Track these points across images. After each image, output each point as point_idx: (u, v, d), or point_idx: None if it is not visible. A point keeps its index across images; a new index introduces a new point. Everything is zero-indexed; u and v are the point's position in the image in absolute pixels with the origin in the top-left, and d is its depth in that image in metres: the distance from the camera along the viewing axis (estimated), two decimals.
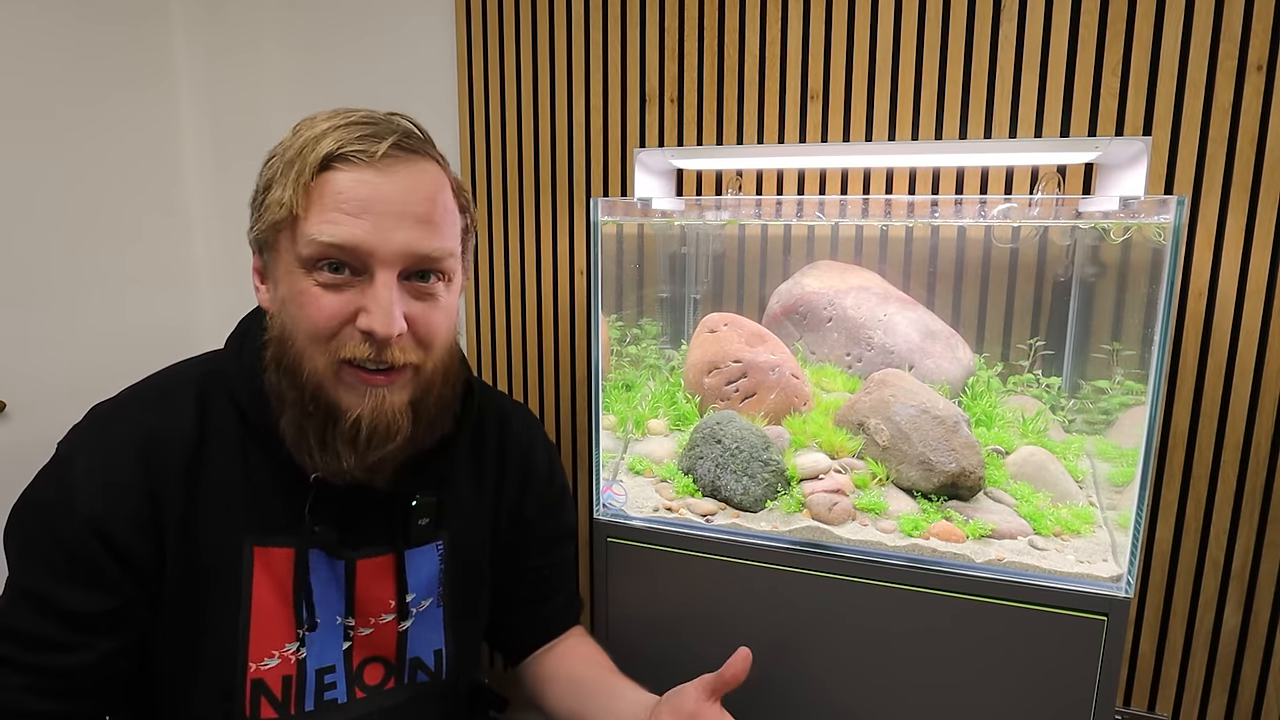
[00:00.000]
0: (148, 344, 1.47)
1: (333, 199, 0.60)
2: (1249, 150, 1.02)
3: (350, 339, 0.62)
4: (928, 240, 1.19)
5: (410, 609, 0.75)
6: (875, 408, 1.02)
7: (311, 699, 0.71)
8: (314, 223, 0.60)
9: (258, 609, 0.68)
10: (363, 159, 0.60)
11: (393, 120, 0.64)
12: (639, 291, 1.29)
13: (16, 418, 1.29)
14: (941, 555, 0.90)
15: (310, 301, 0.61)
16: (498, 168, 1.39)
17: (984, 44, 1.10)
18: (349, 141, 0.60)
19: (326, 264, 0.61)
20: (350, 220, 0.59)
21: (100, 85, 1.38)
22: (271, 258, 0.64)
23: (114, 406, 0.68)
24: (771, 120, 1.22)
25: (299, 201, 0.60)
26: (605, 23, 1.28)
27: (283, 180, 0.61)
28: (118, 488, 0.63)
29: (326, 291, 0.61)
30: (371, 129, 0.62)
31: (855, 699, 0.94)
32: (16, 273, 1.27)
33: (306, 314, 0.61)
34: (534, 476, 0.85)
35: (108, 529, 0.62)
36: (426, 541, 0.75)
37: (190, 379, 0.70)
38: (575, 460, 1.46)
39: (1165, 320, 0.81)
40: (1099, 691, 0.84)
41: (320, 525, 0.68)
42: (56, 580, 0.62)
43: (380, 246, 0.60)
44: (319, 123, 0.62)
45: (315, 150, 0.60)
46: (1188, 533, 1.12)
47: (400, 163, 0.62)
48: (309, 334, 0.62)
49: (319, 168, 0.60)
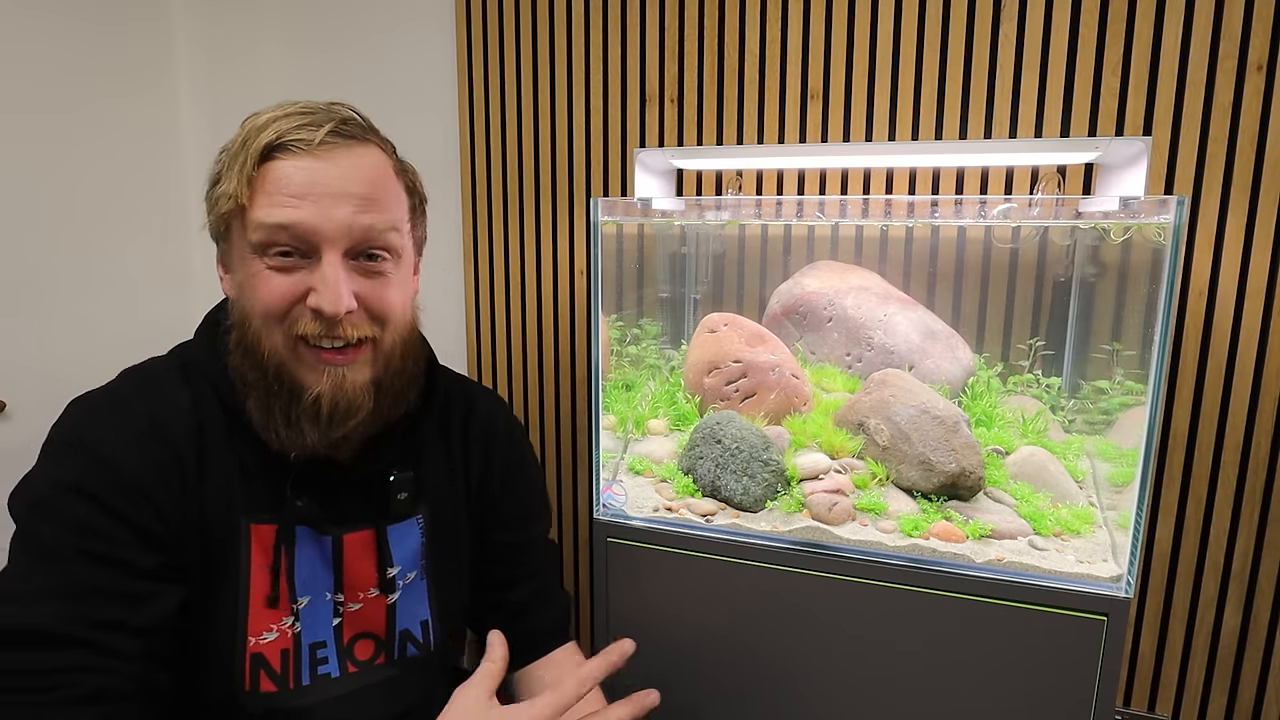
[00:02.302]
0: (148, 344, 1.46)
1: (275, 185, 0.63)
2: (1249, 150, 1.02)
3: (302, 316, 0.64)
4: (928, 240, 1.19)
5: (397, 582, 0.77)
6: (875, 408, 1.02)
7: (307, 673, 0.73)
8: (260, 209, 0.63)
9: (255, 584, 0.70)
10: (302, 147, 0.63)
11: (332, 109, 0.67)
12: (639, 291, 1.29)
13: (16, 418, 1.29)
14: (941, 555, 0.90)
15: (262, 283, 0.64)
16: (498, 168, 1.39)
17: (984, 44, 1.10)
18: (288, 131, 0.63)
19: (276, 249, 0.63)
20: (293, 203, 0.62)
21: (101, 85, 1.38)
22: (226, 247, 0.68)
23: (107, 395, 0.69)
24: (771, 120, 1.22)
25: (244, 191, 0.63)
26: (605, 23, 1.28)
27: (229, 173, 0.64)
28: (151, 457, 0.65)
29: (277, 274, 0.64)
30: (310, 118, 0.65)
31: (855, 699, 0.94)
32: (17, 273, 1.27)
33: (259, 295, 0.64)
34: (495, 449, 0.86)
35: (152, 493, 0.64)
36: (406, 516, 0.77)
37: (172, 369, 0.71)
38: (575, 460, 1.46)
39: (1165, 320, 0.81)
40: (1099, 692, 0.84)
41: (302, 501, 0.70)
42: (118, 543, 0.62)
43: (322, 225, 0.63)
44: (261, 115, 0.65)
45: (257, 141, 0.63)
46: (1188, 533, 1.12)
47: (338, 148, 0.65)
48: (263, 314, 0.64)
49: (260, 158, 0.63)
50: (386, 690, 0.77)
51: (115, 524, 0.62)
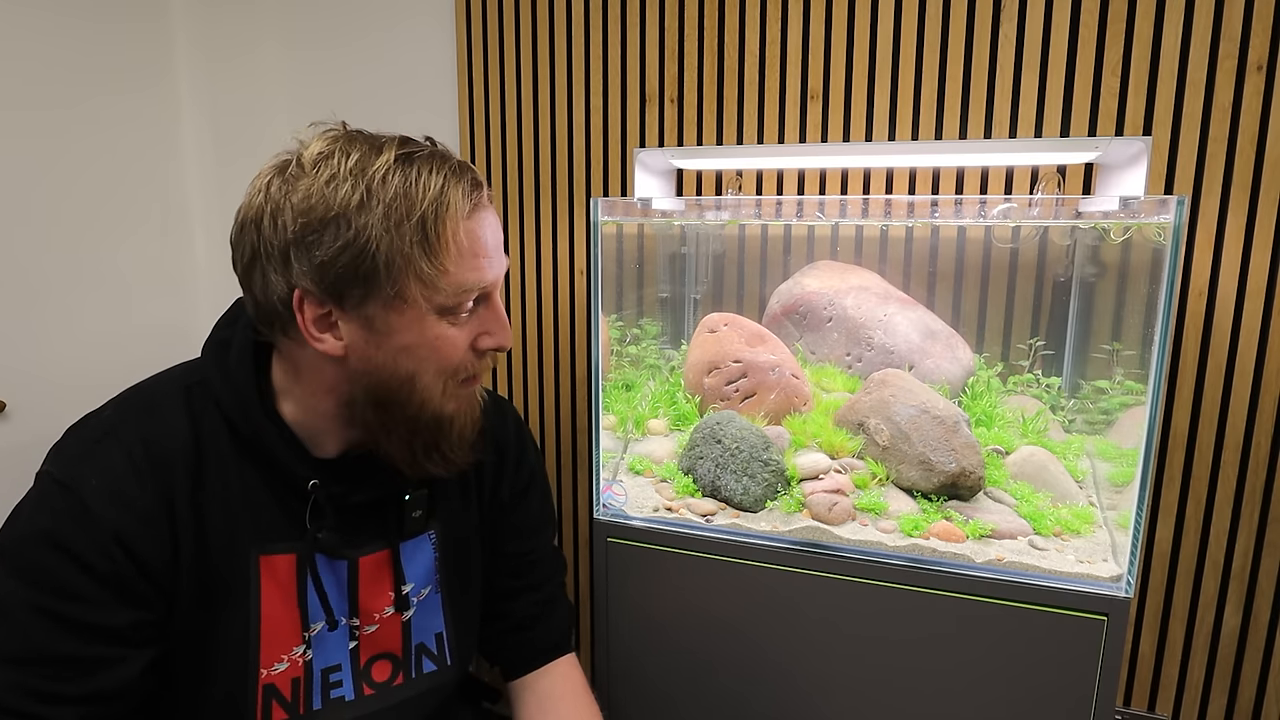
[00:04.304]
0: (147, 344, 1.47)
1: (475, 245, 0.64)
2: (1249, 150, 1.02)
3: (469, 363, 0.68)
4: (928, 240, 1.19)
5: (410, 599, 0.77)
6: (875, 408, 1.02)
7: (319, 697, 0.72)
8: (468, 271, 0.63)
9: (267, 617, 0.69)
10: (482, 202, 0.65)
11: (450, 154, 0.66)
12: (639, 291, 1.29)
13: (16, 418, 1.29)
14: (941, 555, 0.90)
15: (446, 344, 0.65)
16: (498, 168, 1.39)
17: (984, 44, 1.10)
18: (469, 190, 0.64)
19: (466, 308, 0.66)
20: (487, 261, 0.65)
21: (101, 85, 1.38)
22: (370, 307, 0.62)
23: (101, 424, 0.66)
24: (771, 120, 1.22)
25: (449, 256, 0.62)
26: (605, 23, 1.28)
27: (404, 233, 0.60)
28: (133, 501, 0.62)
29: (453, 329, 0.66)
30: (465, 170, 0.65)
31: (855, 699, 0.94)
32: (16, 272, 1.27)
33: (443, 355, 0.65)
34: (506, 459, 0.86)
35: (130, 542, 0.61)
36: (420, 533, 0.77)
37: (175, 391, 0.69)
38: (575, 460, 1.46)
39: (1165, 320, 0.81)
40: (1099, 691, 0.84)
41: (322, 533, 0.69)
42: (84, 602, 0.60)
43: (499, 276, 0.67)
44: (422, 172, 0.61)
45: (449, 202, 0.61)
46: (1188, 533, 1.12)
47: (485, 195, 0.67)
48: (440, 371, 0.66)
49: (463, 217, 0.63)
50: (402, 711, 0.76)
51: (86, 580, 0.60)
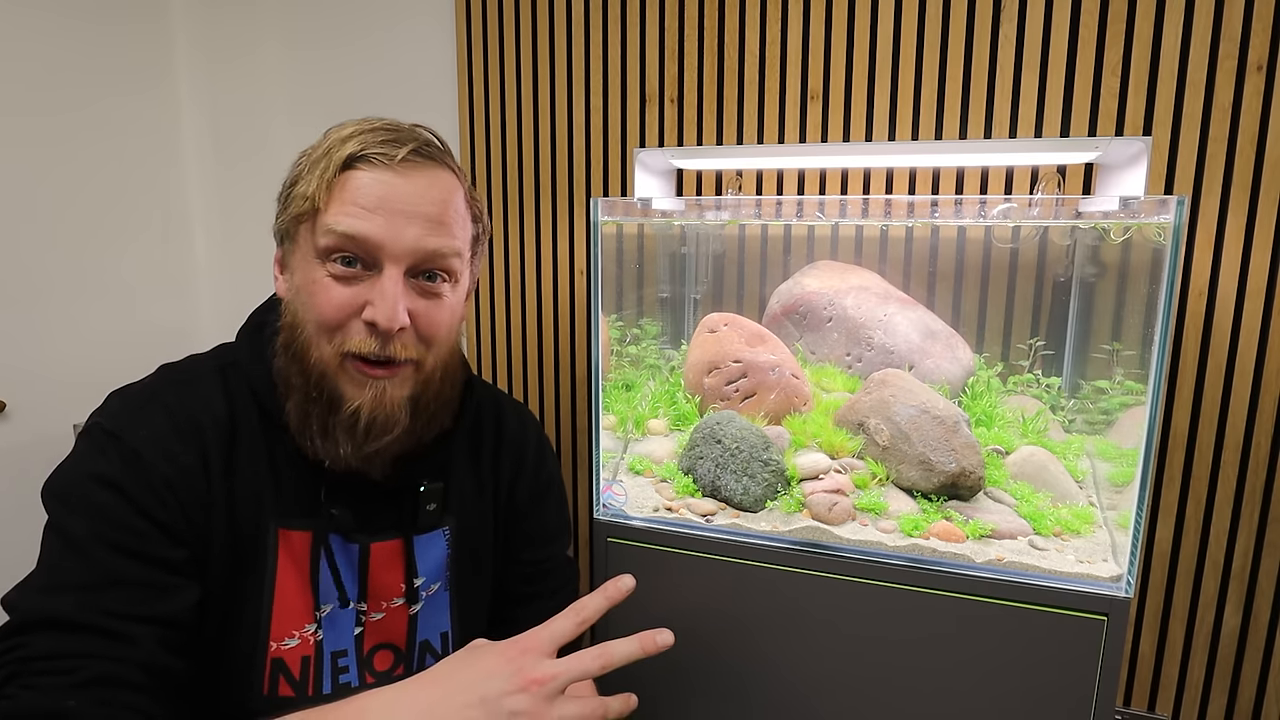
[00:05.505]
0: (147, 344, 1.47)
1: (352, 194, 0.65)
2: (1249, 150, 1.02)
3: (356, 333, 0.66)
4: (928, 240, 1.19)
5: (420, 593, 0.78)
6: (875, 408, 1.02)
7: (328, 681, 0.73)
8: (333, 215, 0.64)
9: (280, 589, 0.70)
10: (383, 161, 0.65)
11: (415, 130, 0.69)
12: (639, 291, 1.29)
13: (16, 418, 1.29)
14: (941, 555, 0.90)
15: (321, 291, 0.65)
16: (498, 168, 1.39)
17: (984, 44, 1.10)
18: (372, 145, 0.65)
19: (340, 257, 0.65)
20: (366, 214, 0.64)
21: (101, 85, 1.38)
22: (291, 248, 0.69)
23: (144, 390, 0.70)
24: (771, 120, 1.22)
25: (321, 195, 0.65)
26: (605, 23, 1.28)
27: (308, 176, 0.66)
28: (177, 456, 0.66)
29: (337, 283, 0.65)
30: (394, 135, 0.67)
31: (855, 699, 0.94)
32: (17, 273, 1.28)
33: (316, 302, 0.65)
34: (524, 467, 0.87)
35: (178, 491, 0.65)
36: (434, 527, 0.78)
37: (211, 369, 0.72)
38: (575, 460, 1.46)
39: (1165, 320, 0.81)
40: (1099, 691, 0.84)
41: (337, 510, 0.71)
42: (143, 536, 0.63)
43: (390, 241, 0.64)
44: (346, 127, 0.67)
45: (340, 150, 0.65)
46: (1188, 533, 1.12)
47: (417, 168, 0.66)
48: (317, 322, 0.66)
49: (342, 166, 0.65)
50: None
51: (142, 519, 0.63)
